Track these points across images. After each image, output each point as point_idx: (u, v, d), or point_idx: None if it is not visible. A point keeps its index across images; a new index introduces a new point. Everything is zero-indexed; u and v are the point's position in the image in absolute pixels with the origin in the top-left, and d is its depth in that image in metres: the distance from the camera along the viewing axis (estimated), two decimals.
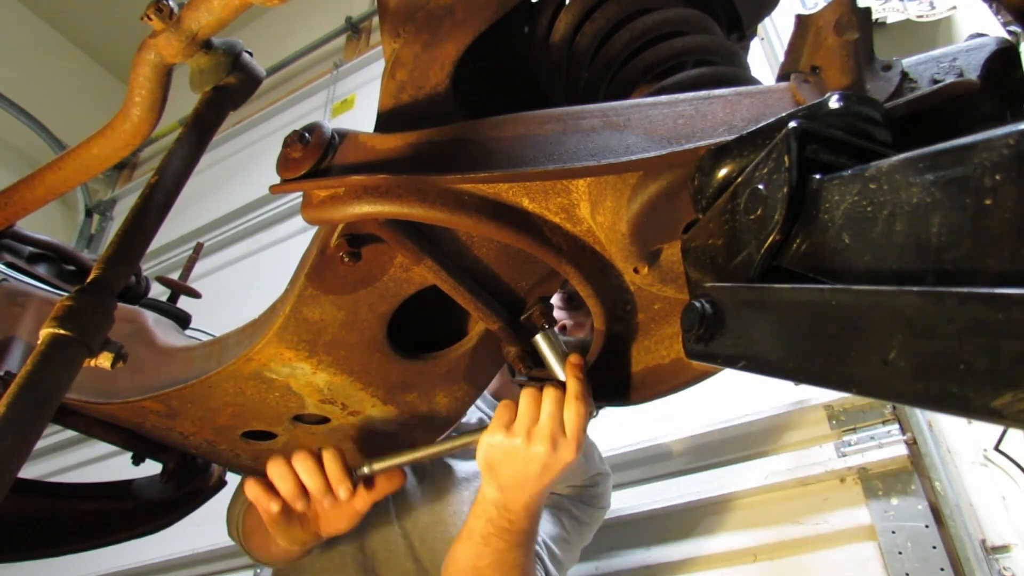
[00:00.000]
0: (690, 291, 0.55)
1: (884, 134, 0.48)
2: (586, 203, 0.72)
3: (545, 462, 0.88)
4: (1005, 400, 0.27)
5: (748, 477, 1.89)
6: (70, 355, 0.61)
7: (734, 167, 0.50)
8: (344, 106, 3.74)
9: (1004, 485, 1.62)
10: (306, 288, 0.83)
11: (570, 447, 0.88)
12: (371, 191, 0.69)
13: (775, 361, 0.42)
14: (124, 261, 0.69)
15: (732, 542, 1.85)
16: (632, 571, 1.92)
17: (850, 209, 0.39)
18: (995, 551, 1.54)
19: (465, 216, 0.69)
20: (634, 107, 0.63)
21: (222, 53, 0.82)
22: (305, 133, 0.71)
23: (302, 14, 4.52)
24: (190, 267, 1.49)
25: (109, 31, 5.04)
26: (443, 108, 0.72)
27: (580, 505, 1.43)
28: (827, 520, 1.76)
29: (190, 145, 0.79)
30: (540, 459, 0.88)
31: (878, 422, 1.79)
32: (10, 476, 0.55)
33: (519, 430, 0.88)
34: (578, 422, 0.87)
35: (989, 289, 0.28)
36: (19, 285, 1.16)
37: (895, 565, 1.60)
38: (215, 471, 1.35)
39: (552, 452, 0.87)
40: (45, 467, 3.45)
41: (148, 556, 2.70)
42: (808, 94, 0.58)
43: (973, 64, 0.54)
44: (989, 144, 0.31)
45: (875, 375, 0.34)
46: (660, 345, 0.88)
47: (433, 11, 0.70)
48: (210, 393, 0.97)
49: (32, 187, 0.94)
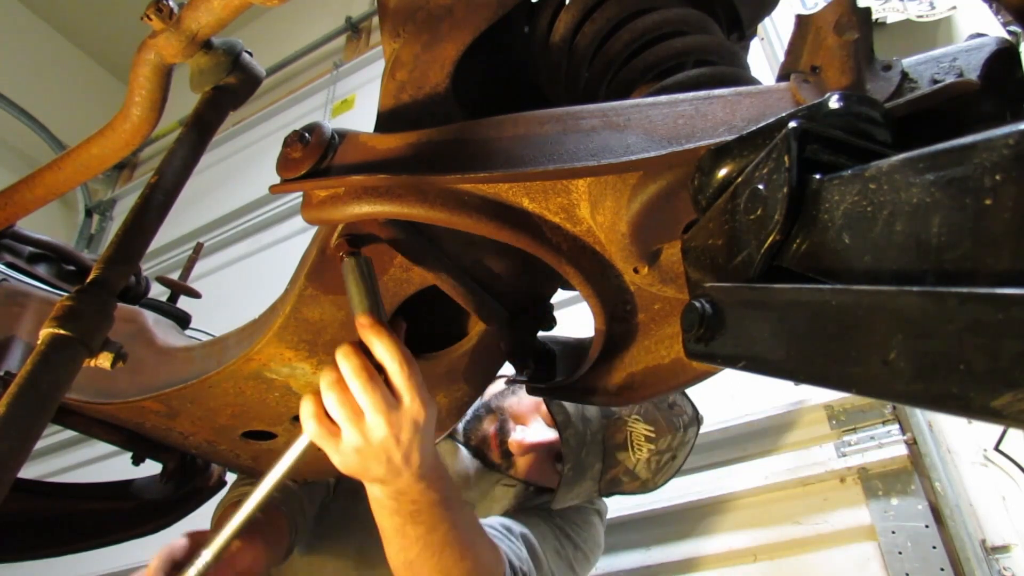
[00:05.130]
0: (690, 291, 0.55)
1: (884, 134, 0.48)
2: (586, 203, 0.72)
3: (398, 439, 0.77)
4: (1005, 400, 0.27)
5: (748, 477, 1.89)
6: (70, 355, 0.61)
7: (734, 167, 0.50)
8: (344, 106, 3.74)
9: (1004, 485, 1.62)
10: (306, 288, 0.83)
11: (413, 405, 0.76)
12: (371, 191, 0.69)
13: (775, 361, 0.42)
14: (124, 261, 0.69)
15: (732, 542, 1.85)
16: (632, 571, 1.92)
17: (850, 209, 0.39)
18: (995, 551, 1.54)
19: (465, 216, 0.69)
20: (634, 107, 0.63)
21: (222, 53, 0.82)
22: (305, 133, 0.71)
23: (302, 14, 4.53)
24: (190, 267, 1.49)
25: (109, 31, 5.04)
26: (443, 108, 0.72)
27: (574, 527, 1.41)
28: (827, 520, 1.76)
29: (190, 145, 0.79)
30: (392, 442, 0.77)
31: (878, 422, 1.79)
32: (10, 476, 0.55)
33: (348, 435, 0.76)
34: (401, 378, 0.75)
35: (989, 289, 0.28)
36: (19, 285, 1.16)
37: (895, 565, 1.60)
38: (215, 471, 1.35)
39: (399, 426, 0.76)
40: (45, 467, 3.45)
41: (148, 556, 2.70)
42: (808, 94, 0.58)
43: (973, 64, 0.54)
44: (989, 144, 0.31)
45: (875, 375, 0.34)
46: (660, 345, 0.88)
47: (433, 11, 0.70)
48: (210, 393, 0.97)
49: (32, 187, 0.94)
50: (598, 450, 1.28)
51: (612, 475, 1.31)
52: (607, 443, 1.29)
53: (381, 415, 0.75)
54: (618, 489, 1.36)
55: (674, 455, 1.34)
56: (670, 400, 1.33)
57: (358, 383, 0.74)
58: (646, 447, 1.28)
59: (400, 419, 0.76)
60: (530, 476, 1.39)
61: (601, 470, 1.30)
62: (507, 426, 1.39)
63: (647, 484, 1.35)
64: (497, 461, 1.39)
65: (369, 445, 0.77)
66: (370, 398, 0.74)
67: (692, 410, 1.37)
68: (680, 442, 1.33)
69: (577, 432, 1.24)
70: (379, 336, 0.75)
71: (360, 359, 0.75)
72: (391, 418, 0.76)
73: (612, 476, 1.32)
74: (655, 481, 1.36)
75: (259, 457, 1.17)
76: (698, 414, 1.39)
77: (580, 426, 1.25)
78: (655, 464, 1.31)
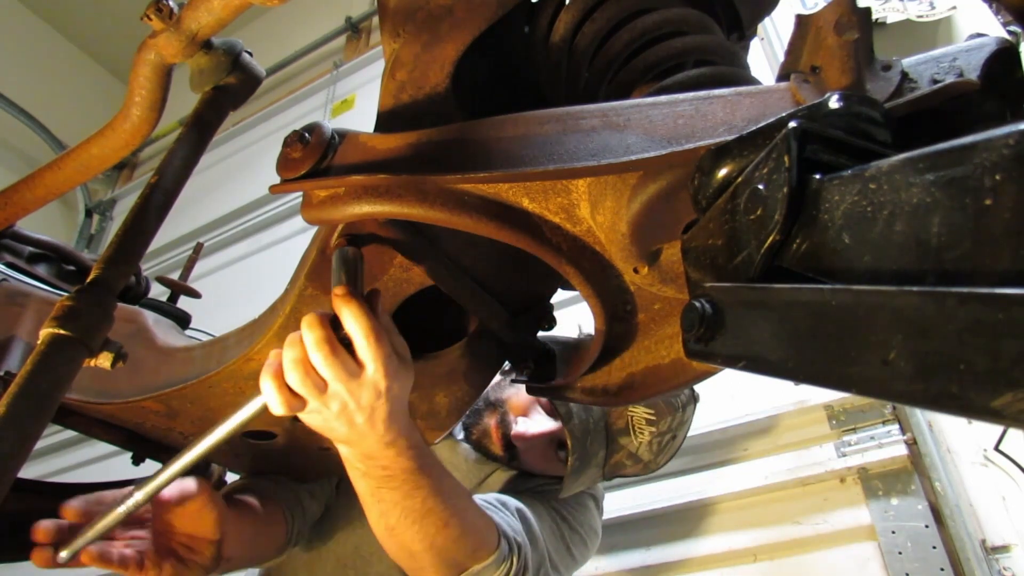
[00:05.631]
0: (690, 291, 0.55)
1: (884, 134, 0.48)
2: (586, 203, 0.72)
3: (359, 403, 0.76)
4: (1005, 400, 0.27)
5: (748, 477, 1.89)
6: (70, 355, 0.61)
7: (734, 167, 0.50)
8: (344, 106, 3.74)
9: (1004, 485, 1.62)
10: (306, 288, 0.83)
11: (376, 373, 0.75)
12: (371, 191, 0.69)
13: (775, 361, 0.42)
14: (124, 261, 0.69)
15: (732, 542, 1.85)
16: (632, 571, 1.92)
17: (850, 209, 0.39)
18: (995, 551, 1.54)
19: (465, 216, 0.69)
20: (634, 107, 0.63)
21: (222, 53, 0.82)
22: (305, 133, 0.71)
23: (302, 14, 4.53)
24: (190, 267, 1.50)
25: (109, 31, 5.04)
26: (443, 108, 0.72)
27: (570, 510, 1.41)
28: (827, 520, 1.76)
29: (190, 145, 0.79)
30: (353, 405, 0.76)
31: (878, 422, 1.79)
32: (10, 476, 0.55)
33: (311, 405, 0.75)
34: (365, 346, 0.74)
35: (989, 289, 0.28)
36: (19, 285, 1.16)
37: (895, 565, 1.60)
38: (215, 471, 1.35)
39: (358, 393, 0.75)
40: (45, 467, 3.45)
41: None
42: (808, 94, 0.58)
43: (973, 64, 0.54)
44: (989, 144, 0.31)
45: (875, 375, 0.34)
46: (660, 345, 0.88)
47: (433, 11, 0.70)
48: (210, 393, 0.97)
49: (32, 187, 0.94)
50: (601, 437, 1.29)
51: (615, 460, 1.32)
52: (609, 429, 1.29)
53: (342, 383, 0.74)
54: (621, 472, 1.37)
55: (674, 435, 1.35)
56: None
57: (320, 355, 0.73)
58: (647, 430, 1.30)
59: (361, 385, 0.75)
60: (534, 466, 1.40)
61: (605, 456, 1.31)
62: (508, 418, 1.40)
63: (649, 466, 1.36)
64: (499, 453, 1.40)
65: (331, 411, 0.76)
66: (332, 370, 0.73)
67: (689, 389, 1.38)
68: (679, 421, 1.34)
69: (581, 422, 1.25)
70: (348, 304, 0.73)
71: (324, 330, 0.73)
72: (351, 385, 0.75)
73: (615, 461, 1.32)
74: (657, 462, 1.37)
75: (259, 457, 1.17)
76: (695, 392, 1.40)
77: (583, 415, 1.26)
78: (656, 446, 1.32)
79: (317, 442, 1.09)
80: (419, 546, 0.90)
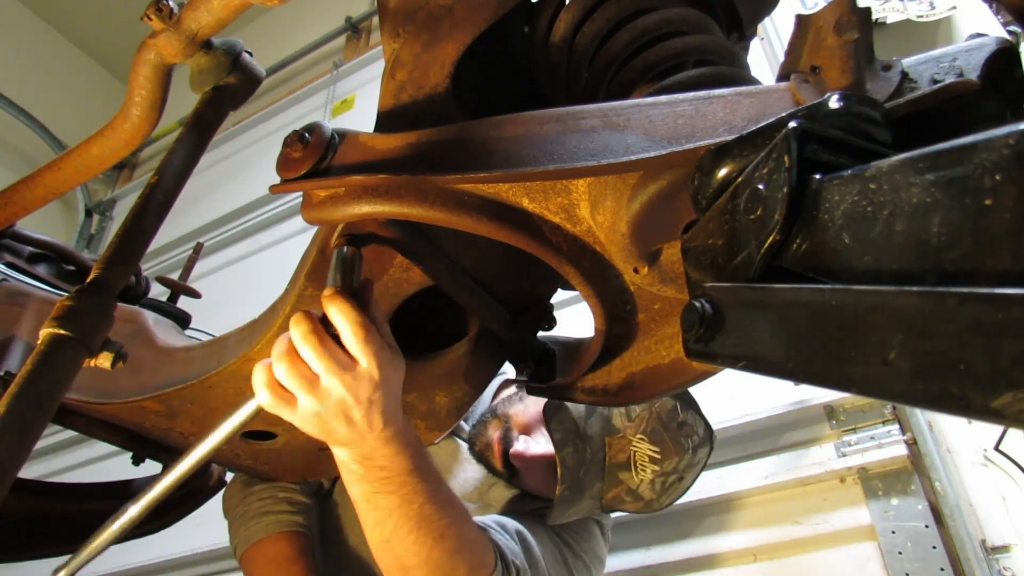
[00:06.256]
0: (690, 291, 0.55)
1: (884, 134, 0.48)
2: (586, 203, 0.72)
3: (357, 397, 0.75)
4: (1005, 400, 0.27)
5: (748, 477, 1.89)
6: (70, 355, 0.61)
7: (734, 167, 0.50)
8: (344, 106, 3.74)
9: (1004, 485, 1.62)
10: (306, 288, 0.83)
11: (369, 365, 0.74)
12: (371, 191, 0.69)
13: (775, 361, 0.42)
14: (124, 261, 0.69)
15: (732, 542, 1.85)
16: (632, 571, 1.92)
17: (850, 209, 0.39)
18: (995, 551, 1.54)
19: (465, 216, 0.69)
20: (634, 107, 0.63)
21: (222, 53, 0.82)
22: (305, 133, 0.71)
23: (302, 14, 4.53)
24: (190, 267, 1.50)
25: (109, 31, 5.04)
26: (443, 108, 0.72)
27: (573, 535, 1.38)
28: (827, 520, 1.76)
29: (190, 145, 0.79)
30: (351, 400, 0.75)
31: (878, 422, 1.79)
32: (10, 476, 0.55)
33: (304, 402, 0.74)
34: (355, 340, 0.73)
35: (989, 289, 0.28)
36: (19, 285, 1.16)
37: (895, 565, 1.60)
38: (215, 471, 1.35)
39: (356, 385, 0.74)
40: (45, 467, 3.45)
41: (148, 556, 2.70)
42: (808, 94, 0.58)
43: (973, 64, 0.54)
44: (989, 144, 0.31)
45: (875, 375, 0.34)
46: (660, 345, 0.88)
47: (433, 11, 0.70)
48: (210, 393, 0.97)
49: (32, 187, 0.94)
50: (598, 469, 1.24)
51: (614, 494, 1.27)
52: (608, 462, 1.24)
53: (335, 376, 0.73)
54: (620, 507, 1.31)
55: (681, 476, 1.28)
56: (680, 419, 1.27)
57: (308, 347, 0.72)
58: (650, 468, 1.24)
59: (356, 378, 0.74)
60: (533, 487, 1.37)
61: (601, 489, 1.26)
62: (510, 435, 1.37)
63: (651, 505, 1.29)
64: (499, 469, 1.37)
65: (327, 408, 0.75)
66: (322, 362, 0.72)
67: (705, 430, 1.30)
68: (688, 463, 1.27)
69: (576, 451, 1.21)
70: (334, 302, 0.72)
71: (311, 323, 0.73)
72: (345, 378, 0.73)
73: (614, 495, 1.27)
74: (660, 502, 1.30)
75: (259, 457, 1.17)
76: (711, 434, 1.32)
77: (579, 444, 1.21)
78: (660, 485, 1.26)
79: (316, 442, 1.09)
80: (414, 560, 0.88)
